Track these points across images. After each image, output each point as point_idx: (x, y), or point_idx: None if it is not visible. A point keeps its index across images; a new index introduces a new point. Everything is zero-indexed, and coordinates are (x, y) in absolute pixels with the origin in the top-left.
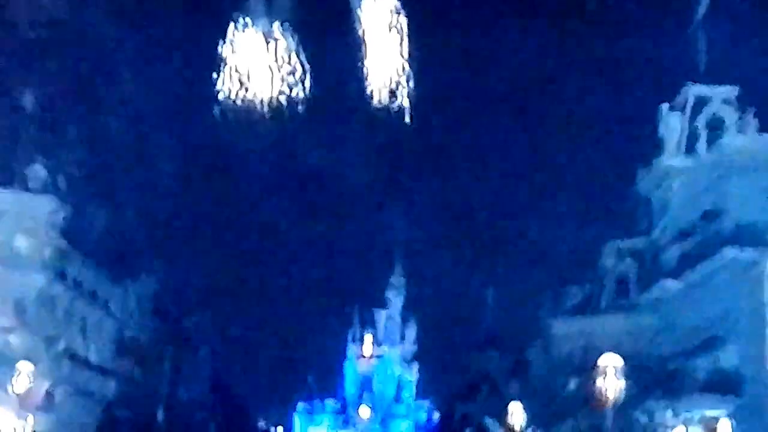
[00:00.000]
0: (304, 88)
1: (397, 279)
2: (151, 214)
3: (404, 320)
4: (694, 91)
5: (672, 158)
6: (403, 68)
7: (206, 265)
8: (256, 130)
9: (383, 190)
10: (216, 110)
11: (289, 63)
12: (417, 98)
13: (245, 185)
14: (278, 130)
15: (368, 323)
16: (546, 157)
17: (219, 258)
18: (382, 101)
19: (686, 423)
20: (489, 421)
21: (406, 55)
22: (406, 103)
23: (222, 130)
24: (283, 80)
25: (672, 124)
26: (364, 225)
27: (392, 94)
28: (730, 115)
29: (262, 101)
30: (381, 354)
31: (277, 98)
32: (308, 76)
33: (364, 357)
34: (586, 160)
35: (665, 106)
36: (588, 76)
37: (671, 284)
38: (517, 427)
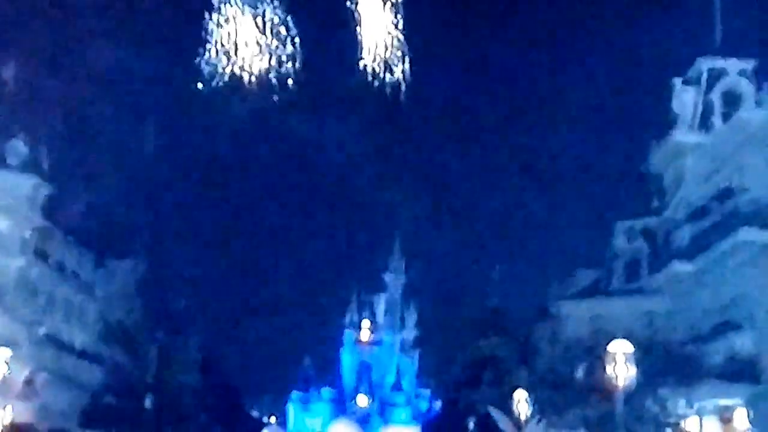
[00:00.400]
0: (294, 63)
1: (396, 261)
2: (137, 192)
3: (404, 304)
4: (708, 64)
5: (685, 134)
6: (399, 41)
7: (195, 246)
8: (245, 107)
9: (381, 167)
10: (201, 85)
11: (279, 37)
12: (413, 72)
13: (235, 163)
14: (268, 106)
15: (366, 308)
16: (553, 134)
17: (209, 239)
18: (378, 76)
19: (700, 412)
20: (493, 410)
21: (401, 28)
22: (401, 78)
23: (209, 105)
24: (272, 54)
25: (685, 99)
26: (360, 204)
27: (387, 68)
28: (746, 89)
29: (250, 76)
30: (380, 340)
31: (266, 73)
32: (299, 50)
33: (361, 343)
34: (595, 136)
35: (678, 80)
36: (598, 48)
37: (684, 266)
38: (522, 417)
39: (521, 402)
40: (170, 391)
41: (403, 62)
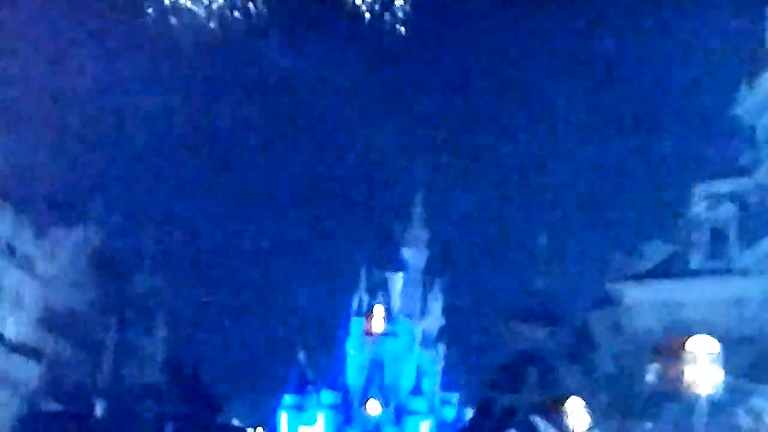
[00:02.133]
0: None
1: (417, 230)
2: (87, 144)
3: (426, 286)
4: None
5: None
6: None
7: (160, 211)
8: (214, 42)
9: (394, 115)
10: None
11: None
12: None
13: (209, 109)
14: (242, 41)
15: (379, 290)
16: (617, 72)
17: (176, 203)
18: (374, 10)
19: None
20: (538, 420)
21: None
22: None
23: (170, 36)
24: None
25: None
26: (370, 161)
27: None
28: None
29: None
30: (395, 331)
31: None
32: None
33: (372, 335)
34: (668, 78)
35: None
36: None
37: None
38: (577, 430)
39: (575, 411)
40: (127, 394)
41: None
